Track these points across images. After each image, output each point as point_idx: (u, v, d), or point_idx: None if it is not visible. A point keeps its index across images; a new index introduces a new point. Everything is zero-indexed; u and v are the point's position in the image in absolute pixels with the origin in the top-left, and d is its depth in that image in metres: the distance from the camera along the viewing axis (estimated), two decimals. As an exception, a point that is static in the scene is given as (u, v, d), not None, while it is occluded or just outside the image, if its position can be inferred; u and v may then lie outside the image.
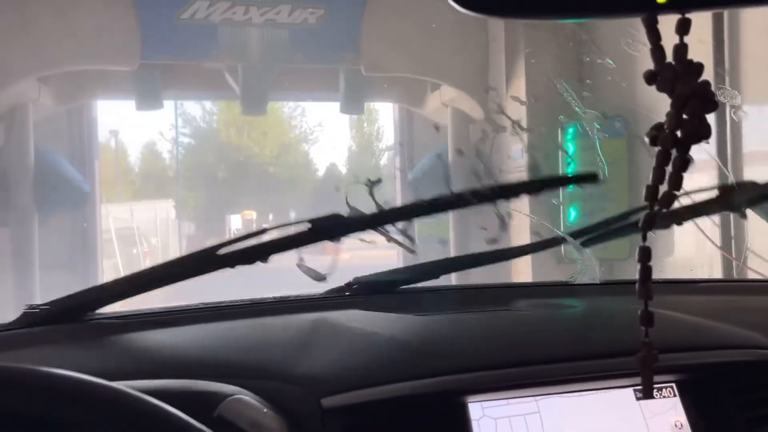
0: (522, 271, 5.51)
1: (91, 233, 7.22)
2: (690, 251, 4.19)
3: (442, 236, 6.92)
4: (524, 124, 5.52)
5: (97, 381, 0.47)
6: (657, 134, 0.50)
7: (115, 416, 0.46)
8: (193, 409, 0.54)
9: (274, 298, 1.16)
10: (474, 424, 0.74)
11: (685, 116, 0.49)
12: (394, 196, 8.58)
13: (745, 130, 3.82)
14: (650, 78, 0.50)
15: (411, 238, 1.15)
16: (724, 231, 3.92)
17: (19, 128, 6.03)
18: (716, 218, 3.94)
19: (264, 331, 0.97)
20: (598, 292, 1.27)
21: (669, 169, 0.50)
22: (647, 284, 0.52)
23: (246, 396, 0.70)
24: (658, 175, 0.51)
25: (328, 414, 0.72)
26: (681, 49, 0.48)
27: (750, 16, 3.75)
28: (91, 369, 0.66)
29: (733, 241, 3.90)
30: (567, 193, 5.16)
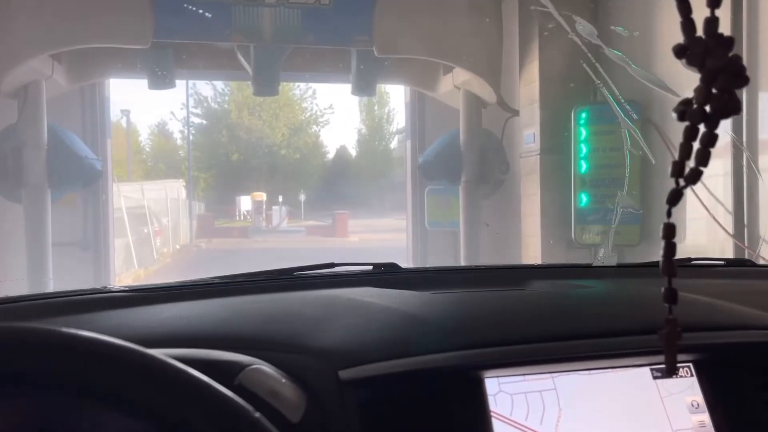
0: (532, 256, 5.51)
1: (103, 211, 7.27)
2: (701, 239, 4.17)
3: (452, 220, 6.92)
4: (537, 108, 5.49)
5: (126, 344, 0.47)
6: (685, 109, 0.49)
7: (144, 378, 0.46)
8: (214, 378, 0.54)
9: (286, 275, 1.18)
10: (490, 399, 0.74)
11: (714, 91, 0.48)
12: (404, 180, 8.58)
13: (761, 117, 3.78)
14: (680, 52, 0.49)
15: None
16: (737, 219, 3.90)
17: (32, 105, 6.05)
18: (729, 206, 3.92)
19: (282, 305, 0.98)
20: (614, 275, 1.27)
21: (696, 145, 0.50)
22: (671, 261, 0.52)
23: (265, 366, 0.70)
24: (686, 151, 0.50)
25: (345, 386, 0.73)
26: (712, 22, 0.47)
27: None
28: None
29: (746, 230, 3.87)
30: (578, 179, 5.14)
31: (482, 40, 6.13)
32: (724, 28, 0.45)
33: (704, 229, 4.11)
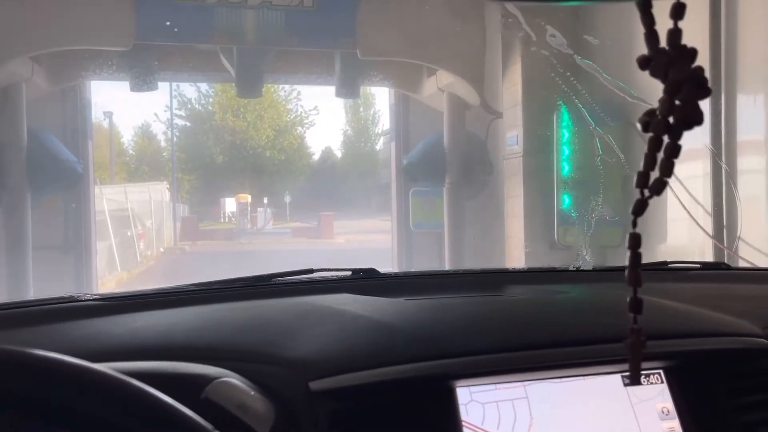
0: (516, 257, 5.53)
1: (84, 214, 7.19)
2: (683, 239, 4.21)
3: (436, 221, 6.93)
4: (519, 110, 5.51)
5: (76, 362, 0.46)
6: (649, 120, 0.50)
7: (95, 398, 0.45)
8: (180, 392, 0.54)
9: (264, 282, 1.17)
10: (462, 409, 0.74)
11: (677, 102, 0.48)
12: (389, 181, 8.58)
13: (739, 120, 3.82)
14: (643, 63, 0.49)
15: None
16: (716, 220, 3.94)
17: (12, 108, 5.97)
18: (709, 207, 3.96)
19: (256, 313, 0.97)
20: (591, 278, 1.28)
21: (660, 155, 0.50)
22: (637, 270, 0.52)
23: (233, 378, 0.69)
24: (650, 162, 0.50)
25: (316, 397, 0.72)
26: (675, 33, 0.47)
27: (748, 7, 3.74)
28: (78, 349, 0.66)
29: (725, 230, 3.91)
30: (560, 181, 5.17)
31: (465, 43, 6.15)
32: (703, 34, 0.45)
33: (685, 229, 4.15)
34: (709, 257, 3.91)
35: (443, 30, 6.06)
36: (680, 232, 4.18)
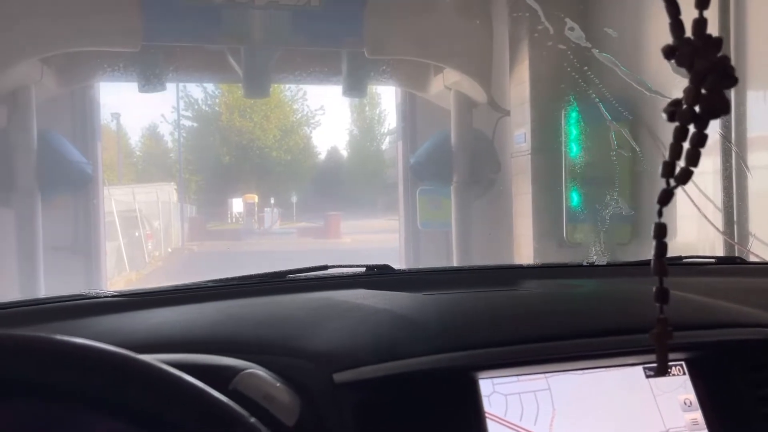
0: (524, 255, 5.52)
1: (93, 215, 7.22)
2: (692, 236, 4.20)
3: (444, 220, 6.93)
4: (527, 107, 5.50)
5: (120, 351, 0.47)
6: (675, 110, 0.50)
7: (138, 385, 0.46)
8: (208, 383, 0.54)
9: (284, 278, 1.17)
10: (484, 401, 0.75)
11: (703, 91, 0.48)
12: (396, 180, 8.57)
13: (749, 115, 3.80)
14: (669, 53, 0.49)
15: None
16: (726, 216, 3.93)
17: (22, 110, 6.01)
18: (719, 203, 3.95)
19: (276, 308, 0.98)
20: (605, 273, 1.28)
21: (686, 145, 0.50)
22: (662, 260, 0.52)
23: (259, 370, 0.70)
24: (676, 151, 0.50)
25: (339, 389, 0.73)
26: (700, 23, 0.48)
27: (757, 1, 3.73)
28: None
29: (735, 226, 3.90)
30: (569, 178, 5.16)
31: (472, 41, 6.14)
32: (712, 28, 0.45)
33: (695, 226, 4.14)
34: (719, 254, 3.90)
35: (450, 28, 6.06)
36: (689, 229, 4.17)
